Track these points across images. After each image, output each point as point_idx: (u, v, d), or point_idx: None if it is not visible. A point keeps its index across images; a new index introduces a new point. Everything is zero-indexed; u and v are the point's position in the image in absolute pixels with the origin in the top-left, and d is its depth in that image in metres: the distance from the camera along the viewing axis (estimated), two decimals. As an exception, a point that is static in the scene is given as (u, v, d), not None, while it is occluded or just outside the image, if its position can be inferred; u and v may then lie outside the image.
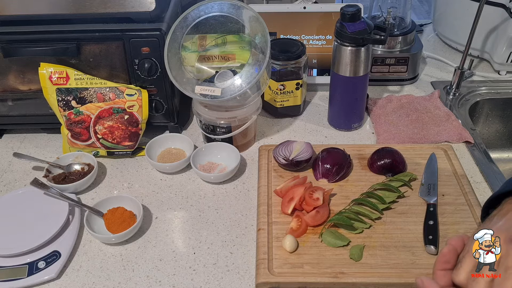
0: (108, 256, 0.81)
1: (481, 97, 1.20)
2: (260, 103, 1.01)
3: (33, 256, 0.79)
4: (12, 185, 0.97)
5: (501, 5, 1.15)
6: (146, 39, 0.93)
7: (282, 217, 0.84)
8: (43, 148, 1.07)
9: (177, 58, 0.94)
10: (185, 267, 0.79)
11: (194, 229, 0.86)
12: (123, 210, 0.86)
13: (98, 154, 1.01)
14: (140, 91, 0.97)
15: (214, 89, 0.92)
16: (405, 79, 1.23)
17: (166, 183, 0.96)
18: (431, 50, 1.37)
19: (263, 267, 0.75)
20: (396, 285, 0.72)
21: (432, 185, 0.88)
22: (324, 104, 1.16)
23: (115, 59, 0.96)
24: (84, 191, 0.95)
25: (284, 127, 1.11)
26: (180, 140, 1.03)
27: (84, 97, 0.97)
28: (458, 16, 1.29)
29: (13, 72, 1.00)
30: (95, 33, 0.93)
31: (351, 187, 0.90)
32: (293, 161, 0.91)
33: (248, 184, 0.95)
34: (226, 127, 0.98)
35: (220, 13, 0.94)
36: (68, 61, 0.96)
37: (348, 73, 0.99)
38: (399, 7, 1.22)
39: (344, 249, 0.77)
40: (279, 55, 1.03)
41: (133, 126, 0.99)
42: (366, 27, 0.94)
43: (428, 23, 1.50)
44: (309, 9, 1.14)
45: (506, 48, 1.20)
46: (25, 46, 0.93)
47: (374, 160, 0.92)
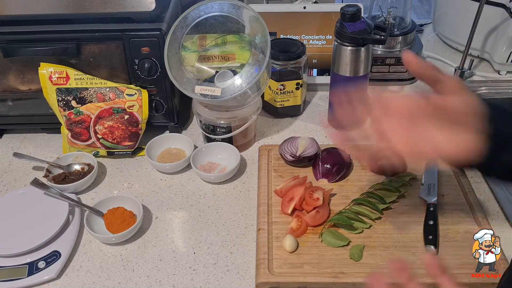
0: (108, 256, 0.81)
1: (481, 97, 1.20)
2: (260, 103, 1.01)
3: (33, 256, 0.79)
4: (12, 185, 0.97)
5: (501, 5, 1.15)
6: (146, 39, 0.93)
7: (282, 217, 0.84)
8: (43, 148, 1.07)
9: (177, 58, 0.94)
10: (185, 267, 0.79)
11: (194, 229, 0.86)
12: (123, 210, 0.86)
13: (98, 154, 1.01)
14: (140, 91, 0.97)
15: (214, 89, 0.92)
16: (405, 79, 1.23)
17: (166, 183, 0.96)
18: (431, 50, 1.37)
19: (263, 267, 0.75)
20: (396, 285, 0.72)
21: (432, 185, 0.88)
22: (324, 104, 1.16)
23: (115, 59, 0.96)
24: (84, 191, 0.95)
25: (284, 127, 1.11)
26: (180, 140, 1.03)
27: (84, 97, 0.97)
28: (458, 16, 1.29)
29: (13, 72, 1.00)
30: (95, 33, 0.93)
31: (351, 187, 0.90)
32: (300, 157, 0.92)
33: (248, 184, 0.95)
34: (226, 127, 0.98)
35: (220, 13, 0.94)
36: (68, 61, 0.96)
37: (348, 73, 0.99)
38: (399, 7, 1.22)
39: (344, 249, 0.77)
40: (279, 55, 1.03)
41: (133, 126, 0.99)
42: (366, 27, 0.94)
43: (428, 23, 1.50)
44: (309, 9, 1.14)
45: (506, 48, 1.20)
46: (25, 46, 0.93)
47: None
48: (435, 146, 0.53)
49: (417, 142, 0.53)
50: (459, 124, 0.52)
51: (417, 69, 0.56)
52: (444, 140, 0.53)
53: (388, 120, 0.55)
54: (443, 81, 0.55)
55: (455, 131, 0.53)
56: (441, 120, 0.54)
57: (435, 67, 0.56)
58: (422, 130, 0.54)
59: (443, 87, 0.55)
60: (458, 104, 0.53)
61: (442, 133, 0.53)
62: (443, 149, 0.52)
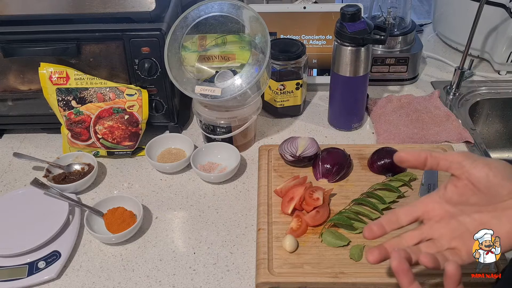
0: (108, 256, 0.81)
1: (481, 97, 1.20)
2: (260, 103, 1.01)
3: (33, 256, 0.79)
4: (12, 185, 0.97)
5: (501, 5, 1.15)
6: (146, 39, 0.93)
7: (282, 217, 0.84)
8: (43, 148, 1.07)
9: (177, 58, 0.94)
10: (185, 267, 0.79)
11: (194, 229, 0.86)
12: (123, 210, 0.86)
13: (98, 154, 1.00)
14: (140, 91, 0.97)
15: (214, 89, 0.92)
16: (405, 79, 1.23)
17: (166, 183, 0.96)
18: (431, 50, 1.37)
19: (263, 267, 0.75)
20: (396, 285, 0.72)
21: (432, 185, 0.88)
22: (324, 104, 1.16)
23: (115, 59, 0.96)
24: (84, 191, 0.95)
25: (284, 127, 1.11)
26: (180, 140, 1.03)
27: (84, 97, 0.97)
28: (458, 16, 1.29)
29: (13, 72, 1.00)
30: (95, 33, 0.93)
31: (351, 187, 0.90)
32: (300, 157, 0.92)
33: (248, 184, 0.95)
34: (226, 127, 0.98)
35: (220, 13, 0.94)
36: (68, 61, 0.96)
37: (348, 73, 0.99)
38: (399, 7, 1.22)
39: (344, 249, 0.77)
40: (279, 55, 1.03)
41: (133, 126, 0.99)
42: (366, 27, 0.94)
43: (428, 23, 1.50)
44: (309, 9, 1.14)
45: (506, 48, 1.20)
46: (25, 46, 0.93)
47: (374, 160, 0.92)
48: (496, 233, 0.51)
49: (471, 238, 0.52)
50: (501, 195, 0.50)
51: (413, 162, 0.55)
52: (496, 221, 0.51)
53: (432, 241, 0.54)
54: (447, 159, 0.53)
55: (503, 207, 0.51)
56: (478, 202, 0.52)
57: (430, 152, 0.55)
58: (468, 224, 0.52)
59: (452, 166, 0.53)
60: (484, 173, 0.51)
61: (488, 216, 0.51)
62: (499, 232, 0.51)
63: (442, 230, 0.55)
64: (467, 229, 0.53)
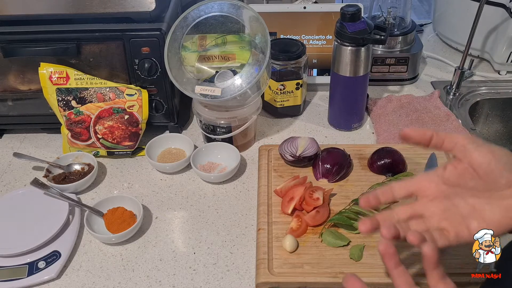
0: (108, 256, 0.81)
1: (481, 97, 1.20)
2: (260, 103, 1.01)
3: (33, 256, 0.79)
4: (12, 185, 0.97)
5: (501, 5, 1.15)
6: (146, 39, 0.93)
7: (282, 217, 0.84)
8: (43, 148, 1.07)
9: (177, 58, 0.94)
10: (185, 267, 0.79)
11: (194, 229, 0.86)
12: (123, 210, 0.86)
13: (98, 154, 1.01)
14: (140, 91, 0.97)
15: (214, 89, 0.92)
16: (405, 79, 1.23)
17: (166, 183, 0.96)
18: (431, 50, 1.37)
19: (263, 267, 0.75)
20: (396, 285, 0.72)
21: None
22: (324, 104, 1.16)
23: (115, 59, 0.96)
24: (84, 191, 0.95)
25: (284, 127, 1.11)
26: (180, 140, 1.03)
27: (84, 97, 0.97)
28: (458, 16, 1.29)
29: (13, 72, 1.00)
30: (95, 33, 0.93)
31: (351, 187, 0.90)
32: (300, 157, 0.92)
33: (248, 184, 0.95)
34: (226, 127, 0.98)
35: (220, 13, 0.94)
36: (68, 61, 0.96)
37: (348, 73, 0.99)
38: (399, 7, 1.22)
39: (344, 249, 0.77)
40: (279, 55, 1.03)
41: (133, 126, 0.99)
42: (366, 27, 0.94)
43: (428, 23, 1.50)
44: (309, 9, 1.14)
45: (506, 48, 1.20)
46: (25, 46, 0.93)
47: (374, 160, 0.92)
48: (482, 218, 0.51)
49: (461, 221, 0.52)
50: (499, 184, 0.50)
51: (418, 139, 0.55)
52: (489, 208, 0.51)
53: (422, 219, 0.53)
54: (453, 140, 0.53)
55: (498, 196, 0.51)
56: (475, 186, 0.52)
57: (435, 131, 0.55)
58: (461, 207, 0.52)
59: (455, 148, 0.53)
60: (487, 159, 0.51)
61: (482, 202, 0.51)
62: (491, 219, 0.51)
63: (433, 209, 0.55)
64: (459, 212, 0.54)
